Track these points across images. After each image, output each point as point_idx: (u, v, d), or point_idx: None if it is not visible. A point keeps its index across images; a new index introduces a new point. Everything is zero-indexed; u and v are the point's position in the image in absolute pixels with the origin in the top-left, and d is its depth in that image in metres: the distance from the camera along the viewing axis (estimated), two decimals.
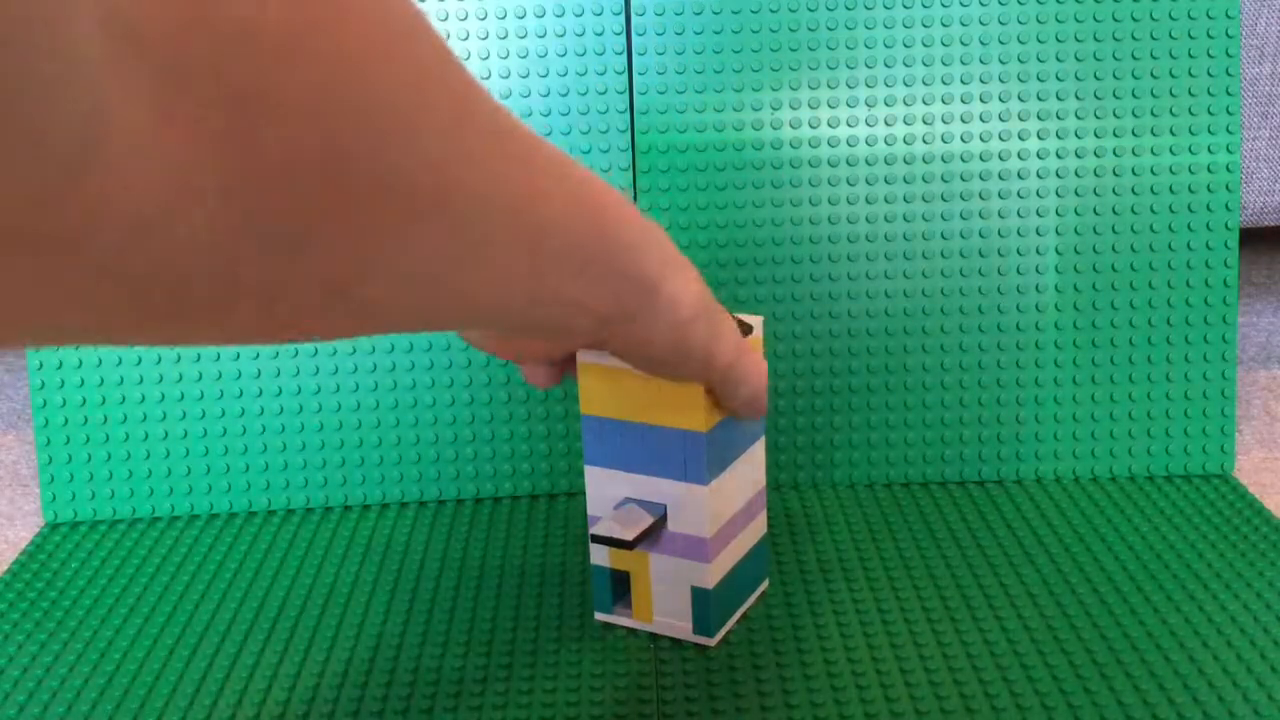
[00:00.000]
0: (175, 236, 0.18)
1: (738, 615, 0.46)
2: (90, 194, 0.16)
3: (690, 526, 0.43)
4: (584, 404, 0.43)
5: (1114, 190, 0.55)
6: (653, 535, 0.43)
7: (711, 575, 0.43)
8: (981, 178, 0.55)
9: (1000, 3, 0.55)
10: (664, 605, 0.45)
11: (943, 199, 0.55)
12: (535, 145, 0.27)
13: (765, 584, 0.48)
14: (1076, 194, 0.55)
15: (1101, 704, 0.40)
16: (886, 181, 0.55)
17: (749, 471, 0.45)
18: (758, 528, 0.46)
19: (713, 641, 0.44)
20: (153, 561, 0.52)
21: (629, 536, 0.42)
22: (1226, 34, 0.55)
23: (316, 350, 0.55)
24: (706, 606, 0.44)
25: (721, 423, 0.42)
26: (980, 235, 0.55)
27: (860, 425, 0.56)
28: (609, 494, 0.44)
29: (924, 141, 0.55)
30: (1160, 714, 0.40)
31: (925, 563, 0.50)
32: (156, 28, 0.16)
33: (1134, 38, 0.55)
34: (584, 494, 0.57)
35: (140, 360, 0.55)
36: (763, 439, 0.45)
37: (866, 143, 0.55)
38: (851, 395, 0.56)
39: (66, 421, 0.55)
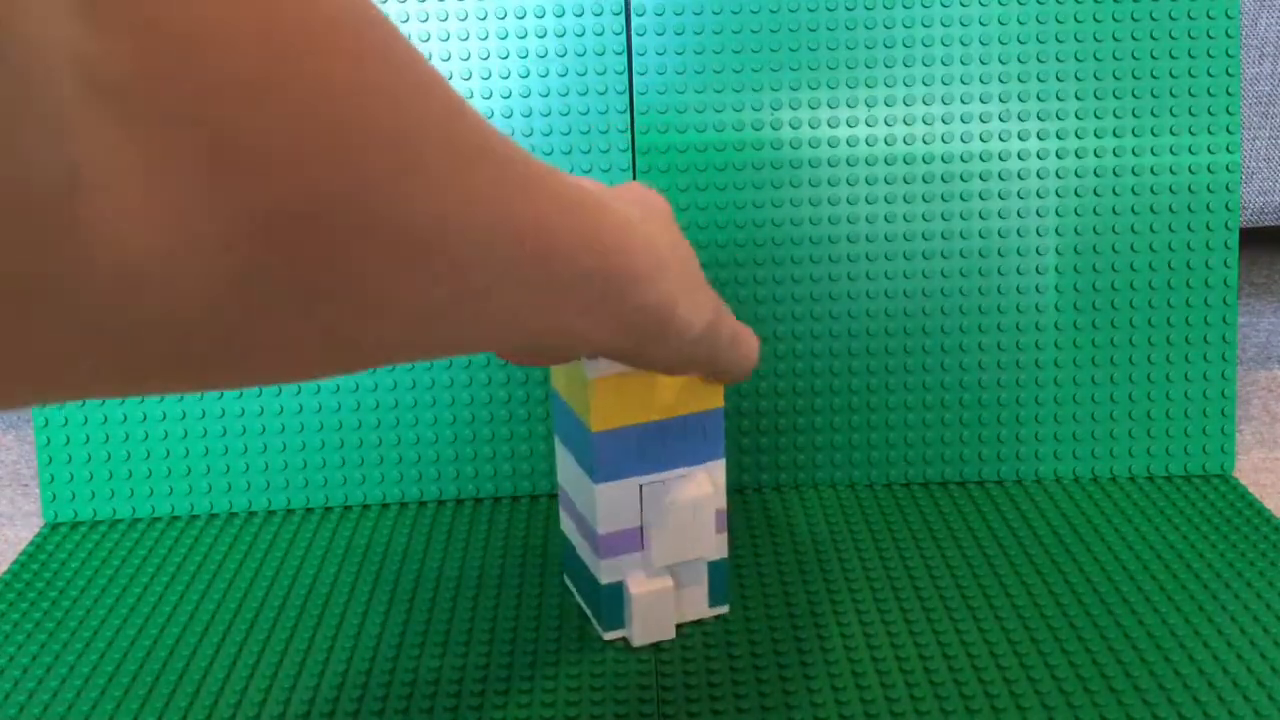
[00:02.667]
0: (175, 289, 0.18)
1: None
2: (80, 243, 0.16)
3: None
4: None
5: (1114, 190, 0.55)
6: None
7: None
8: (981, 178, 0.55)
9: (1000, 3, 0.55)
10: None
11: (943, 199, 0.55)
12: (535, 172, 0.26)
13: (724, 609, 0.47)
14: (1076, 194, 0.55)
15: (1101, 704, 0.40)
16: (886, 181, 0.55)
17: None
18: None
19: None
20: (153, 561, 0.52)
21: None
22: (1226, 34, 0.55)
23: None
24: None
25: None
26: (980, 235, 0.55)
27: (860, 425, 0.56)
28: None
29: (924, 142, 0.55)
30: (1160, 714, 0.40)
31: (925, 563, 0.50)
32: (136, 82, 0.16)
33: (1134, 38, 0.55)
34: None
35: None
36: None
37: (866, 143, 0.55)
38: (851, 395, 0.56)
39: (66, 421, 0.55)
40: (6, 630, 0.47)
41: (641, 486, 0.43)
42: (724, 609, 0.46)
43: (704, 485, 0.43)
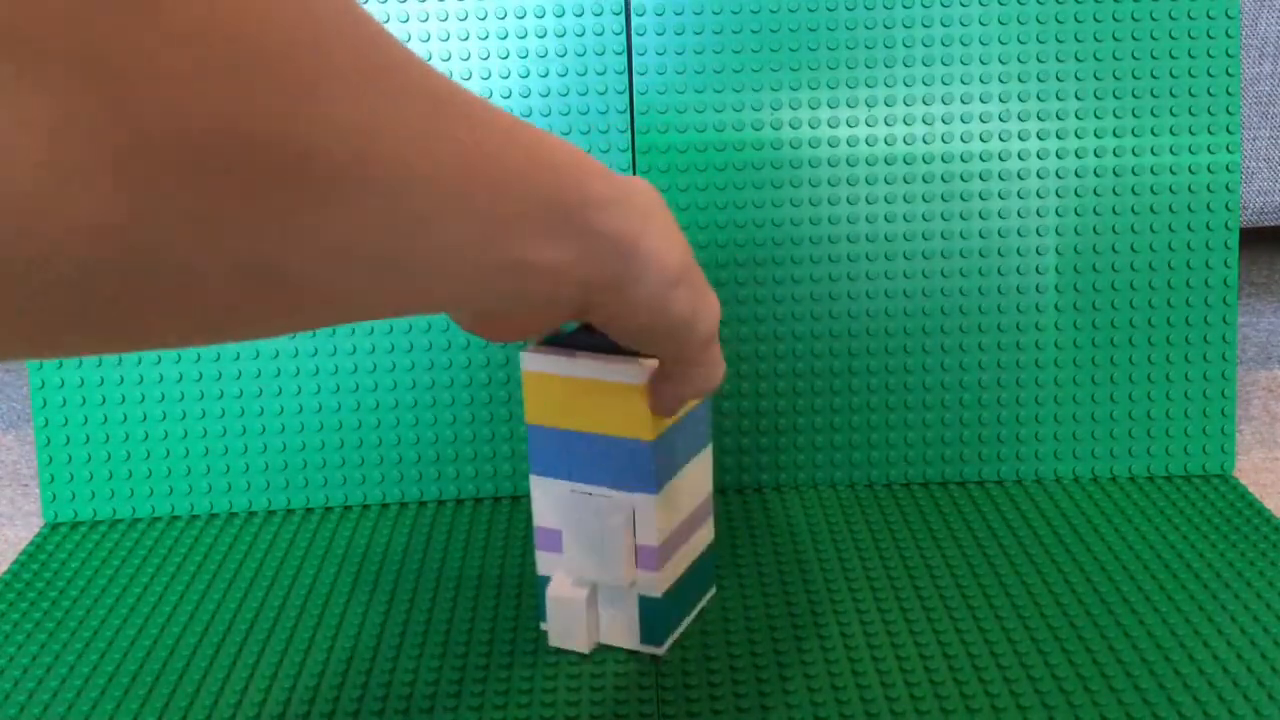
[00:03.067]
0: (62, 221, 0.17)
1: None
2: None
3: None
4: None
5: (1114, 190, 0.55)
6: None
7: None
8: (981, 178, 0.55)
9: (1000, 3, 0.55)
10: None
11: (943, 199, 0.55)
12: (477, 106, 0.25)
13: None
14: (1076, 194, 0.55)
15: (1101, 704, 0.40)
16: (886, 181, 0.55)
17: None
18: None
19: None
20: (153, 561, 0.52)
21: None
22: (1226, 34, 0.55)
23: (317, 350, 0.55)
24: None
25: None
26: (980, 235, 0.55)
27: (860, 425, 0.56)
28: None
29: (924, 142, 0.55)
30: (1160, 714, 0.40)
31: (925, 563, 0.50)
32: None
33: (1134, 38, 0.55)
34: None
35: (140, 361, 0.55)
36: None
37: (867, 143, 0.55)
38: (851, 395, 0.56)
39: (66, 421, 0.55)
40: (6, 630, 0.47)
41: (571, 491, 0.43)
42: (658, 649, 0.44)
43: (619, 513, 0.42)
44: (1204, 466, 0.57)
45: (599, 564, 0.42)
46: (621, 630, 0.44)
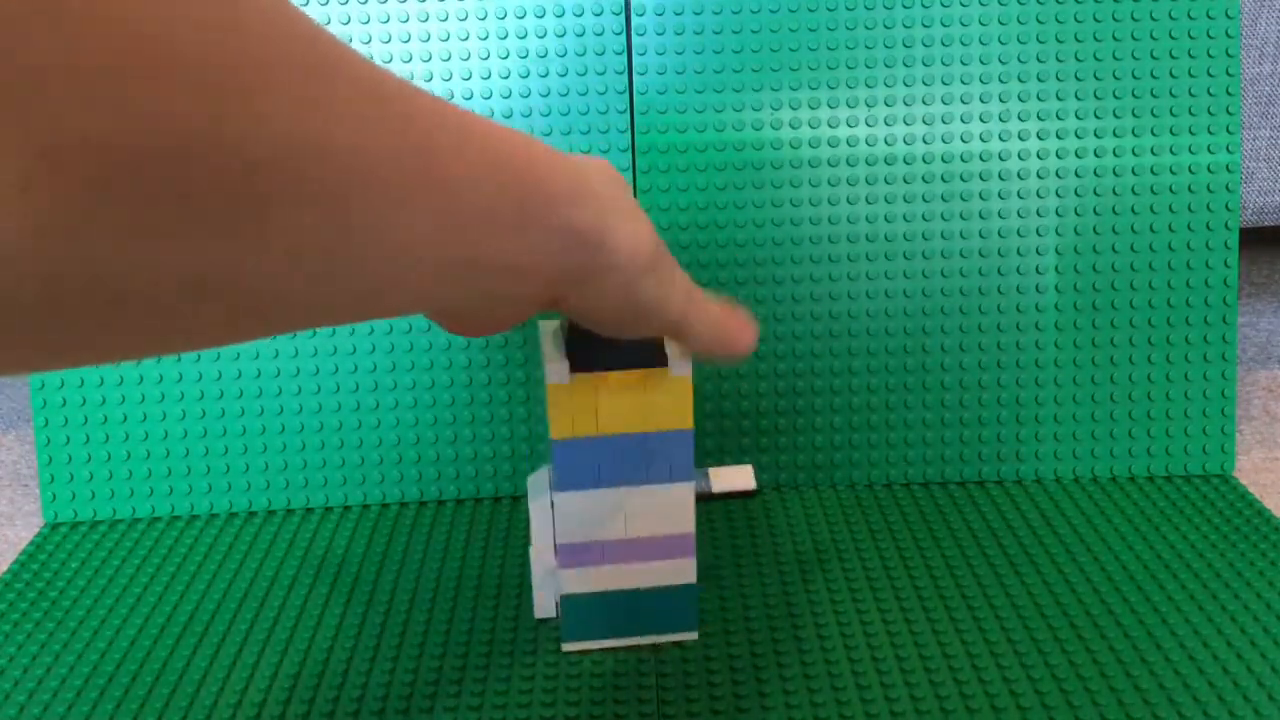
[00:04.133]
0: None
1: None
2: None
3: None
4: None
5: (1114, 190, 0.55)
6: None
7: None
8: (981, 178, 0.55)
9: (1000, 3, 0.55)
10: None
11: (943, 199, 0.55)
12: (425, 103, 0.24)
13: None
14: (1076, 194, 0.55)
15: (1101, 704, 0.40)
16: (886, 181, 0.55)
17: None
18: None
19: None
20: (153, 561, 0.52)
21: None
22: (1226, 34, 0.55)
23: (317, 350, 0.55)
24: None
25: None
26: (980, 235, 0.55)
27: (860, 425, 0.56)
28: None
29: (924, 141, 0.55)
30: (1160, 714, 0.40)
31: (925, 563, 0.50)
32: None
33: (1134, 38, 0.55)
34: None
35: (140, 361, 0.55)
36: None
37: (866, 143, 0.55)
38: (852, 395, 0.56)
39: (66, 421, 0.55)
40: (6, 630, 0.47)
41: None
42: (564, 644, 0.44)
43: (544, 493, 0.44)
44: (1204, 466, 0.57)
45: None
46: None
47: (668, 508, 0.42)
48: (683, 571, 0.43)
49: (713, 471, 0.46)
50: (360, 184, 0.22)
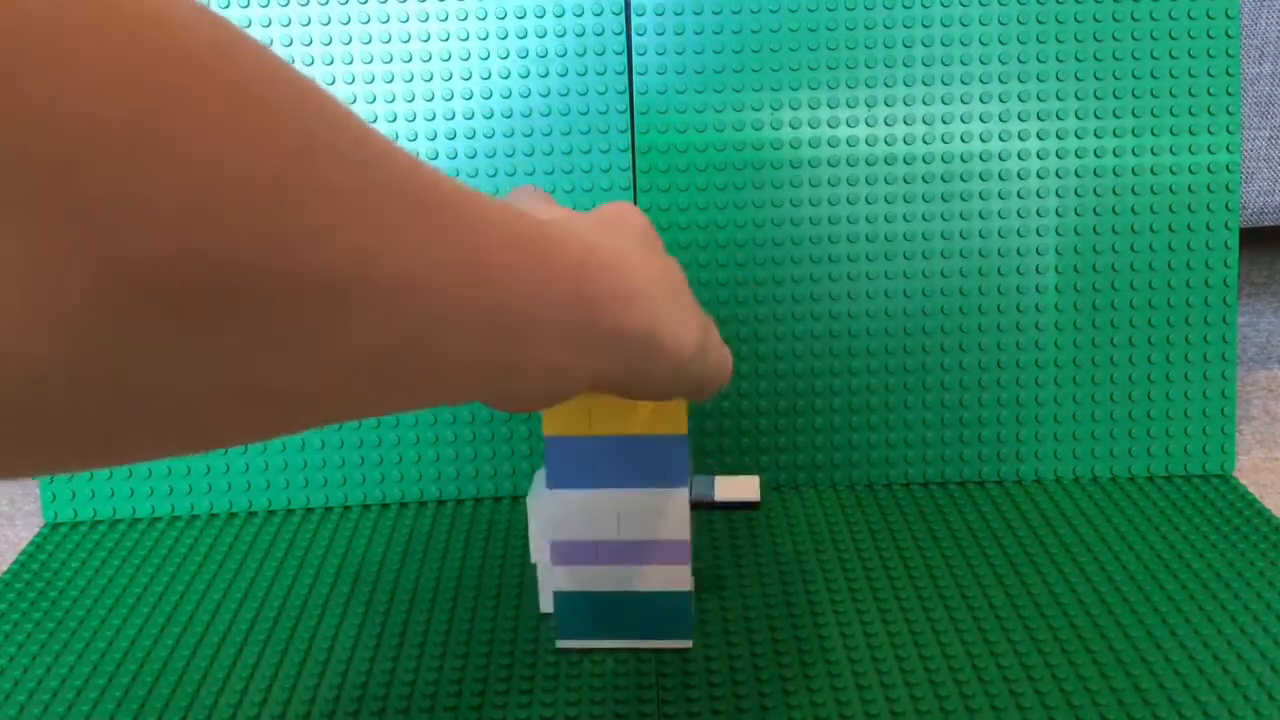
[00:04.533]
0: (36, 357, 0.16)
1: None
2: None
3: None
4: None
5: (1114, 190, 0.55)
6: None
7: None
8: (981, 178, 0.55)
9: (1000, 3, 0.55)
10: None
11: (943, 199, 0.55)
12: (479, 206, 0.24)
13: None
14: (1076, 194, 0.55)
15: (1101, 704, 0.40)
16: (886, 182, 0.55)
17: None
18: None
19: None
20: (153, 561, 0.52)
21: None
22: (1226, 34, 0.55)
23: None
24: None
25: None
26: (980, 235, 0.55)
27: (860, 425, 0.56)
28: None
29: (924, 142, 0.55)
30: (1160, 714, 0.40)
31: (925, 563, 0.50)
32: None
33: (1134, 38, 0.55)
34: None
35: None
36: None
37: (866, 143, 0.55)
38: (851, 395, 0.56)
39: None
40: (6, 630, 0.47)
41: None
42: (562, 642, 0.44)
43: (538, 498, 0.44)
44: (1204, 466, 0.57)
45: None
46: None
47: (661, 513, 0.42)
48: (677, 578, 0.43)
49: (719, 480, 0.46)
50: (417, 294, 0.22)
